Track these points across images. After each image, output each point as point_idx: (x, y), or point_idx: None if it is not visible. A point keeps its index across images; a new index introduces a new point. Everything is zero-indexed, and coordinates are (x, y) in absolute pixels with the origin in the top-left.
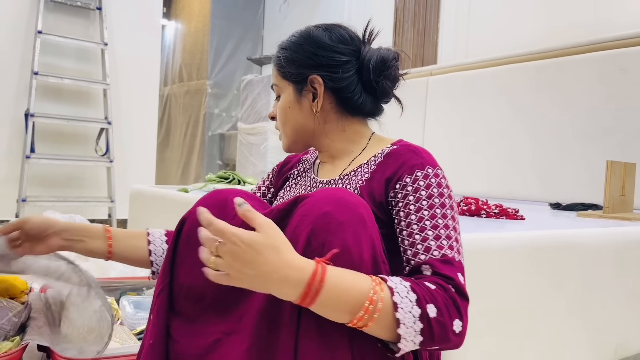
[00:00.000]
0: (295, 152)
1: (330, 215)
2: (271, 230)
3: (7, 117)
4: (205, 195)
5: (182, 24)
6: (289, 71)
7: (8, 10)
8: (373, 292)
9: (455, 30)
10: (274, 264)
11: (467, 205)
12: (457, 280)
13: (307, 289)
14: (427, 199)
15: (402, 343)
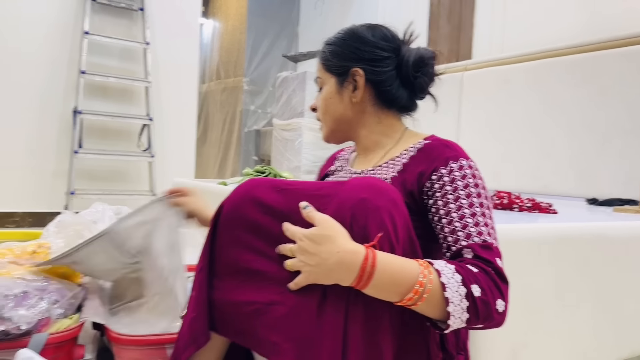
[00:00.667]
0: (333, 142)
1: (368, 201)
2: (327, 223)
3: (56, 114)
4: (242, 184)
5: (219, 22)
6: (333, 64)
7: (57, 13)
8: (422, 275)
9: (490, 24)
10: (331, 251)
11: (499, 199)
12: (496, 264)
13: (361, 272)
14: (463, 189)
15: (451, 320)
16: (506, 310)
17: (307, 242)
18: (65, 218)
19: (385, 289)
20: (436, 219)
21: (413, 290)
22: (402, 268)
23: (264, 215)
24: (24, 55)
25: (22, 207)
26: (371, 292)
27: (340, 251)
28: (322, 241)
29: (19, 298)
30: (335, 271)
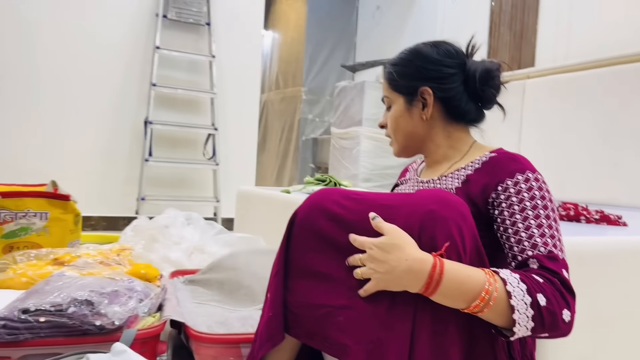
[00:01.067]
0: (405, 157)
1: (436, 212)
2: (395, 232)
3: (129, 124)
4: (315, 193)
5: (278, 33)
6: (400, 84)
7: (131, 30)
8: (488, 283)
9: (554, 31)
10: (399, 258)
11: (565, 210)
12: (563, 275)
13: (429, 280)
14: (530, 200)
15: (517, 327)
16: (572, 320)
17: (376, 251)
18: (141, 222)
19: (452, 296)
20: (502, 229)
21: (479, 297)
22: (468, 276)
23: (335, 223)
24: (100, 69)
25: (97, 212)
26: (438, 299)
27: (409, 259)
28: (391, 249)
29: (112, 296)
30: (404, 278)
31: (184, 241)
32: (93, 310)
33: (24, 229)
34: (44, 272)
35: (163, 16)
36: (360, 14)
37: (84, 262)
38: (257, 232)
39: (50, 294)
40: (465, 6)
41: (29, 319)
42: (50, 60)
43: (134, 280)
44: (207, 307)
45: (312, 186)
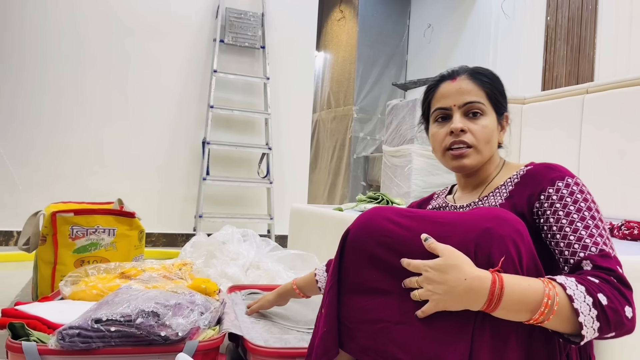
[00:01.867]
0: (471, 170)
1: (492, 230)
2: (451, 253)
3: (188, 145)
4: (368, 211)
5: (330, 54)
6: (498, 101)
7: (190, 55)
8: (548, 289)
9: (614, 44)
10: (458, 278)
11: (629, 229)
12: (618, 271)
13: (490, 296)
14: (573, 204)
15: (584, 330)
16: (634, 316)
17: (433, 273)
18: (199, 239)
19: (515, 309)
20: (550, 236)
21: (543, 304)
22: (528, 286)
23: (388, 239)
24: (162, 93)
25: (157, 229)
26: (501, 314)
27: (467, 278)
28: (448, 270)
29: (175, 308)
30: (464, 297)
31: (240, 257)
32: (159, 322)
33: (93, 244)
34: (113, 285)
35: (220, 41)
36: (411, 32)
37: (148, 276)
38: (310, 249)
39: (120, 305)
40: (520, 21)
41: (101, 328)
42: (116, 85)
43: (195, 294)
44: (264, 322)
45: (365, 204)
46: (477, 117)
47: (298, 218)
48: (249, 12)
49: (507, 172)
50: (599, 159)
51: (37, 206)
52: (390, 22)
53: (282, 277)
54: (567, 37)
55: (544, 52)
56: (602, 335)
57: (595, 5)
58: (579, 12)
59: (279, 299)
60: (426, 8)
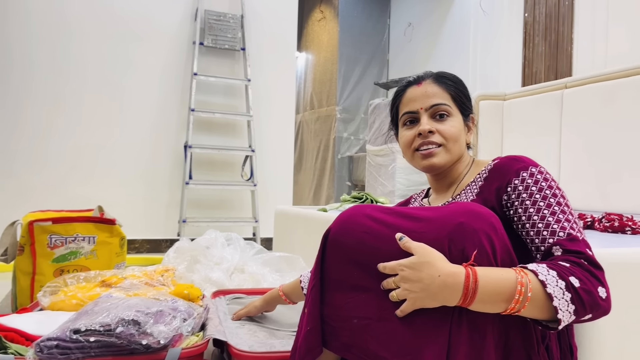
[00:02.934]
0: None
1: (465, 224)
2: (424, 250)
3: (169, 149)
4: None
5: (312, 54)
6: (464, 103)
7: (170, 58)
8: (520, 277)
9: (592, 39)
10: (432, 275)
11: (609, 221)
12: (587, 253)
13: (465, 291)
14: (538, 192)
15: (560, 314)
16: (609, 296)
17: (408, 271)
18: (183, 244)
19: (490, 301)
20: (520, 226)
21: (517, 292)
22: (501, 277)
23: (367, 236)
24: (141, 97)
25: (141, 235)
26: (477, 307)
27: (441, 274)
28: (422, 268)
29: (157, 316)
30: (439, 294)
31: (225, 261)
32: (140, 330)
33: (73, 252)
34: (93, 294)
35: (200, 43)
36: (392, 31)
37: (130, 284)
38: (296, 250)
39: (100, 315)
40: (499, 18)
41: (80, 338)
42: (93, 89)
43: (177, 300)
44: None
45: (349, 204)
46: (444, 119)
47: (282, 220)
48: (229, 14)
49: (477, 169)
50: (579, 153)
51: (18, 216)
52: (370, 22)
53: (268, 280)
54: (545, 33)
55: (523, 49)
56: (579, 318)
57: (572, 1)
58: (556, 8)
59: (266, 305)
60: (406, 7)
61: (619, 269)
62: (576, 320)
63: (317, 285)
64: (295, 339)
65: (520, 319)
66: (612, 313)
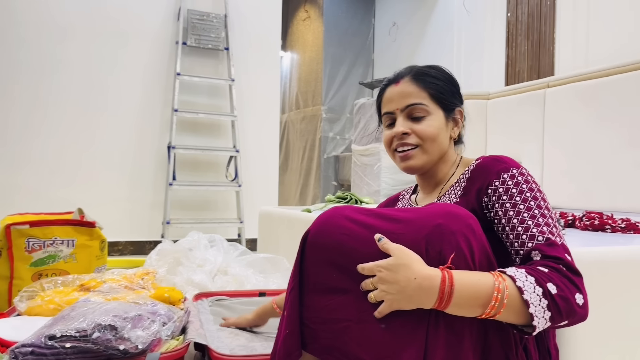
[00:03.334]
0: (421, 172)
1: (443, 226)
2: (401, 252)
3: (152, 150)
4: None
5: (297, 54)
6: (444, 98)
7: (152, 58)
8: (497, 282)
9: (573, 39)
10: (408, 277)
11: (590, 219)
12: (566, 259)
13: (440, 294)
14: (519, 195)
15: (535, 321)
16: (586, 302)
17: (385, 273)
18: (165, 246)
19: (466, 305)
20: (500, 229)
21: (493, 298)
22: (478, 281)
23: (346, 237)
24: (124, 97)
25: (124, 237)
26: (453, 311)
27: (417, 277)
28: (399, 270)
29: (135, 320)
30: (415, 296)
31: (208, 263)
32: (117, 335)
33: (51, 256)
34: (71, 299)
35: (183, 43)
36: (376, 31)
37: (109, 287)
38: (280, 252)
39: (76, 320)
40: (482, 18)
41: (56, 345)
42: (75, 90)
43: (157, 304)
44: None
45: (333, 204)
46: (420, 119)
47: (267, 221)
48: (212, 14)
49: (462, 169)
50: (562, 152)
51: None
52: (355, 21)
53: (251, 281)
54: (528, 32)
55: (506, 48)
56: (555, 324)
57: (554, 0)
58: (538, 8)
59: (258, 319)
60: (390, 7)
61: (599, 267)
62: (552, 326)
63: (296, 288)
64: (274, 342)
65: (499, 323)
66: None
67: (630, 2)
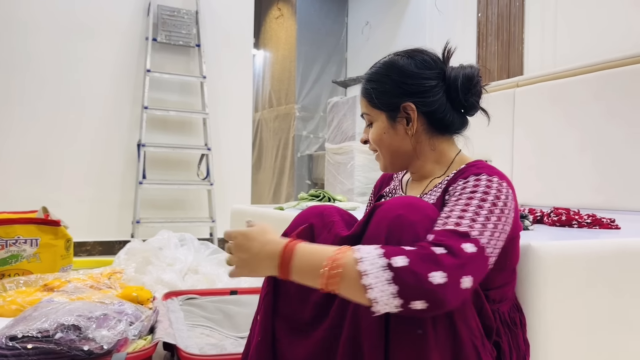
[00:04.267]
0: (392, 172)
1: (403, 217)
2: (262, 225)
3: (122, 148)
4: (306, 209)
5: (269, 52)
6: (380, 101)
7: (121, 54)
8: (335, 253)
9: (541, 39)
10: (260, 244)
11: (557, 215)
12: (449, 241)
13: (280, 260)
14: (471, 193)
15: (371, 293)
16: (450, 283)
17: (241, 239)
18: (134, 245)
19: (304, 274)
20: None
21: (324, 266)
22: (319, 252)
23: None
24: (92, 94)
25: (92, 237)
26: (296, 279)
27: (266, 244)
28: (254, 237)
29: (101, 320)
30: (262, 263)
31: (178, 262)
32: (80, 335)
33: (14, 256)
34: (34, 299)
35: (153, 39)
36: (350, 29)
37: (73, 287)
38: None
39: (38, 320)
40: (453, 17)
41: (17, 346)
42: (40, 85)
43: (124, 303)
44: (200, 329)
45: (306, 202)
46: (372, 127)
47: (239, 219)
48: (182, 10)
49: (454, 168)
50: (530, 150)
51: None
52: (328, 20)
53: (223, 280)
54: (498, 32)
55: (477, 48)
56: (407, 301)
57: (523, 1)
58: (508, 8)
59: None
60: (363, 6)
61: (566, 261)
62: (405, 304)
63: (270, 293)
64: (246, 346)
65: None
66: (559, 303)
67: (596, 5)
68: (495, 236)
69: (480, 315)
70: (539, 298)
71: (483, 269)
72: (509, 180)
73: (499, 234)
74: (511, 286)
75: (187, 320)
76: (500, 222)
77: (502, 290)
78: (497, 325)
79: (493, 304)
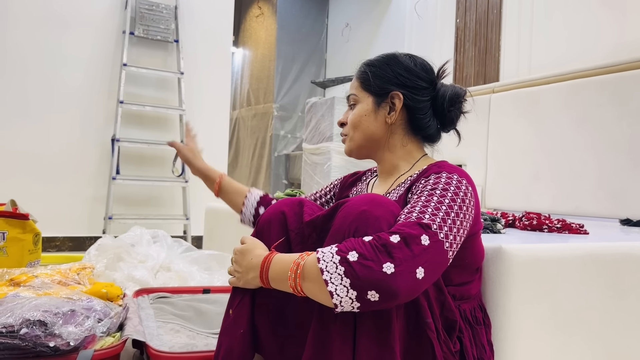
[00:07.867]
0: (355, 157)
1: (368, 212)
2: (250, 240)
3: (96, 142)
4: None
5: (249, 50)
6: (373, 84)
7: (97, 47)
8: (299, 257)
9: (517, 47)
10: (250, 259)
11: (528, 220)
12: (408, 230)
13: (260, 271)
14: (430, 190)
15: (331, 286)
16: (401, 272)
17: (237, 255)
18: (105, 241)
19: (279, 280)
20: None
21: (289, 269)
22: (288, 259)
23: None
24: (66, 87)
25: (62, 232)
26: (274, 286)
27: (253, 258)
28: (245, 254)
29: (67, 316)
30: (250, 274)
31: (150, 259)
32: (46, 331)
33: None
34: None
35: (130, 33)
36: (329, 31)
37: (40, 282)
38: (226, 248)
39: (3, 315)
40: (432, 22)
41: None
42: (14, 76)
43: (93, 300)
44: (171, 326)
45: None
46: (353, 108)
47: (213, 217)
48: (161, 5)
49: (418, 168)
50: (504, 155)
51: None
52: (309, 21)
53: (195, 278)
54: (475, 39)
55: (455, 53)
56: (361, 293)
57: (500, 9)
58: (485, 15)
59: (204, 170)
60: (344, 7)
61: (535, 264)
62: (359, 296)
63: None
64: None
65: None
66: (528, 305)
67: (571, 15)
68: (453, 231)
69: (443, 309)
70: (508, 300)
71: (440, 262)
72: (469, 178)
73: (457, 229)
74: (474, 286)
75: (157, 318)
76: (459, 218)
77: (463, 288)
78: (459, 320)
79: (454, 301)
